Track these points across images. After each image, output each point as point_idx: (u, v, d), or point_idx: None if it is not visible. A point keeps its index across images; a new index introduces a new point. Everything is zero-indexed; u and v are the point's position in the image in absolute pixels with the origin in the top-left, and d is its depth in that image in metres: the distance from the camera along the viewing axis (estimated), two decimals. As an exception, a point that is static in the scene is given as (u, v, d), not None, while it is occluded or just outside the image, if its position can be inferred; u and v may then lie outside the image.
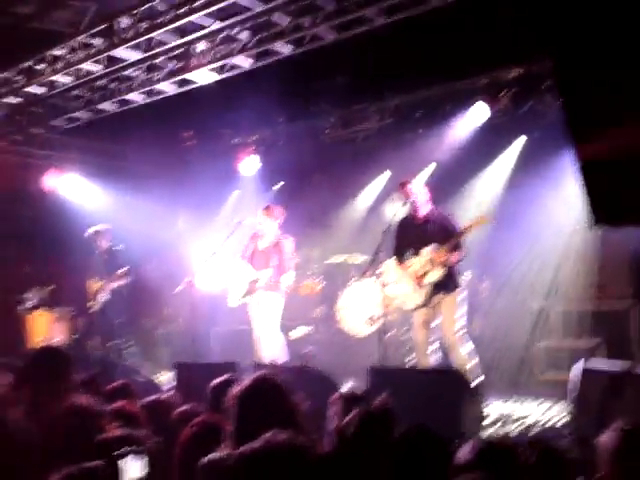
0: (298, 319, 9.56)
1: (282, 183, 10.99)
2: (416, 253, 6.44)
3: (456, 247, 6.23)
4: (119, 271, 8.67)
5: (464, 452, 2.37)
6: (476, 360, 6.20)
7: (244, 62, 7.70)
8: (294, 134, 10.32)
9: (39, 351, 4.07)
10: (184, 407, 3.59)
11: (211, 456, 2.74)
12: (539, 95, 8.06)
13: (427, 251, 6.31)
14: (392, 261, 6.68)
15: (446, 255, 6.18)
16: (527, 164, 8.66)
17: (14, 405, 3.31)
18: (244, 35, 7.34)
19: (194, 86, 8.24)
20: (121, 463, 2.09)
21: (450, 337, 6.24)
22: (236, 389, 2.89)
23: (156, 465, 2.22)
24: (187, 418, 3.39)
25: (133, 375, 6.11)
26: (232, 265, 7.78)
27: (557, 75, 5.36)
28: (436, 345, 6.48)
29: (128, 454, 2.12)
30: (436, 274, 6.27)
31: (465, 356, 6.17)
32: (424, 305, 6.36)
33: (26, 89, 8.49)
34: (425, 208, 6.47)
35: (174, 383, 6.10)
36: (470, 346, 6.25)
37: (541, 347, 7.75)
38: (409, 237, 6.50)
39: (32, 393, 3.61)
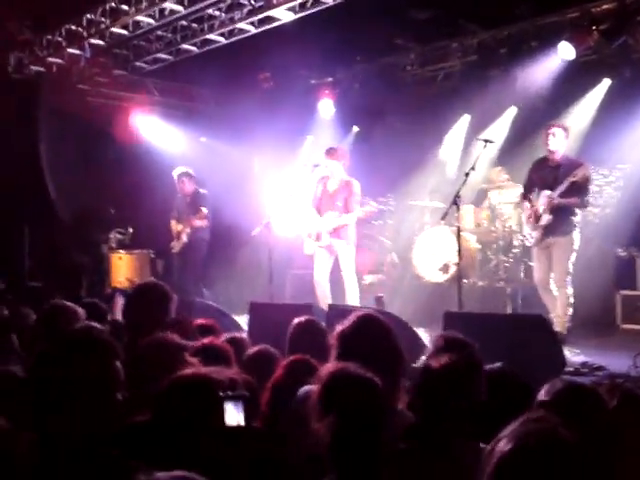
0: (371, 264, 9.56)
1: (357, 129, 10.88)
2: (539, 194, 6.67)
3: (570, 194, 6.39)
4: (200, 211, 8.79)
5: (542, 393, 2.34)
6: (572, 309, 6.45)
7: (326, -3, 7.57)
8: (372, 73, 10.11)
9: (144, 285, 4.20)
10: (257, 347, 3.64)
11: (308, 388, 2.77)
12: (632, 31, 7.63)
13: (542, 195, 6.56)
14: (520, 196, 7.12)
15: (554, 200, 6.42)
16: (614, 106, 8.31)
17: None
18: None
19: (274, 25, 8.17)
20: (227, 405, 2.11)
21: (560, 277, 6.50)
22: (340, 327, 2.88)
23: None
24: (260, 358, 3.43)
25: (215, 314, 6.21)
26: (304, 212, 7.80)
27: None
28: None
29: (234, 398, 2.14)
30: (545, 218, 6.53)
31: (569, 301, 6.45)
32: (537, 244, 6.72)
33: (110, 30, 8.63)
34: (560, 153, 6.62)
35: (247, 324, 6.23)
36: (571, 293, 6.48)
37: (623, 296, 7.61)
38: (540, 177, 6.72)
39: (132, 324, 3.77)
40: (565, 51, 8.07)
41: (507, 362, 2.89)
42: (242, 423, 2.09)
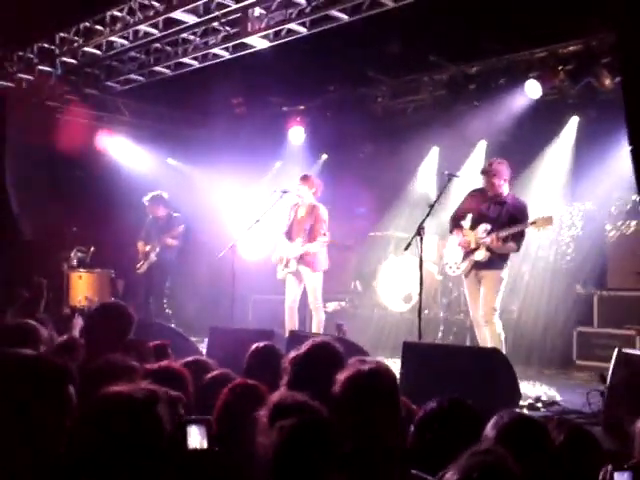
0: (334, 292, 9.57)
1: (326, 157, 10.96)
2: (474, 226, 6.52)
3: (509, 239, 6.26)
4: (175, 229, 8.84)
5: (489, 426, 2.37)
6: (503, 340, 6.32)
7: (299, 28, 7.67)
8: (343, 103, 10.22)
9: (102, 306, 4.14)
10: (218, 370, 3.59)
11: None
12: (596, 72, 7.80)
13: (481, 229, 6.40)
14: (449, 224, 6.87)
15: (499, 242, 6.24)
16: (580, 144, 8.49)
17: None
18: (300, 0, 7.32)
19: (248, 51, 8.23)
20: (189, 429, 2.10)
21: (487, 312, 6.33)
22: (293, 353, 2.89)
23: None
24: (221, 382, 3.40)
25: (173, 336, 6.14)
26: (273, 237, 7.85)
27: (620, 51, 5.22)
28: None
29: (194, 422, 2.13)
30: (481, 254, 6.39)
31: (500, 338, 6.28)
32: (465, 276, 6.57)
33: (83, 49, 8.61)
34: (500, 187, 6.46)
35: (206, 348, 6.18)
36: (500, 326, 6.36)
37: (579, 333, 7.68)
38: (479, 208, 6.56)
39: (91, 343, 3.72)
40: (532, 89, 8.25)
41: (463, 393, 2.90)
42: (205, 446, 2.08)
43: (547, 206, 7.59)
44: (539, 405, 5.36)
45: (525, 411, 4.79)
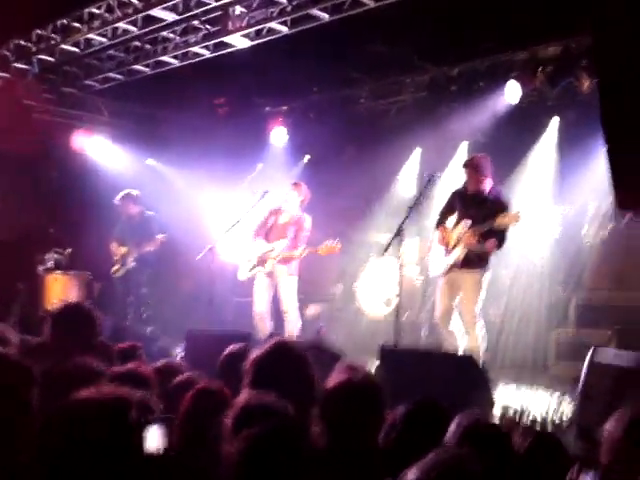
0: (315, 295, 9.52)
1: (309, 157, 10.90)
2: (456, 224, 6.40)
3: (488, 235, 6.08)
4: (158, 236, 8.74)
5: (450, 429, 2.35)
6: (485, 346, 6.21)
7: (280, 27, 7.65)
8: (326, 104, 10.19)
9: (66, 307, 4.08)
10: (186, 374, 3.54)
11: None
12: (575, 74, 7.78)
13: (461, 226, 6.28)
14: (433, 225, 6.75)
15: (474, 239, 6.11)
16: (559, 147, 8.51)
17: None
18: (282, -1, 7.29)
19: (229, 50, 8.19)
20: (147, 430, 2.06)
21: (467, 317, 6.21)
22: (255, 353, 2.84)
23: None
24: (187, 385, 3.35)
25: (146, 340, 6.09)
26: (244, 238, 7.83)
27: (596, 53, 5.23)
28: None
29: (154, 422, 2.08)
30: (457, 252, 6.26)
31: (479, 339, 6.17)
32: (443, 275, 6.38)
33: (61, 47, 8.52)
34: (480, 183, 6.31)
35: (183, 352, 6.13)
36: (483, 331, 6.23)
37: (555, 337, 7.64)
38: (456, 206, 6.46)
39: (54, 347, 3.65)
40: (512, 90, 8.23)
41: (437, 398, 2.87)
42: (164, 447, 2.06)
43: (528, 207, 7.57)
44: (512, 411, 5.32)
45: (497, 414, 4.77)
